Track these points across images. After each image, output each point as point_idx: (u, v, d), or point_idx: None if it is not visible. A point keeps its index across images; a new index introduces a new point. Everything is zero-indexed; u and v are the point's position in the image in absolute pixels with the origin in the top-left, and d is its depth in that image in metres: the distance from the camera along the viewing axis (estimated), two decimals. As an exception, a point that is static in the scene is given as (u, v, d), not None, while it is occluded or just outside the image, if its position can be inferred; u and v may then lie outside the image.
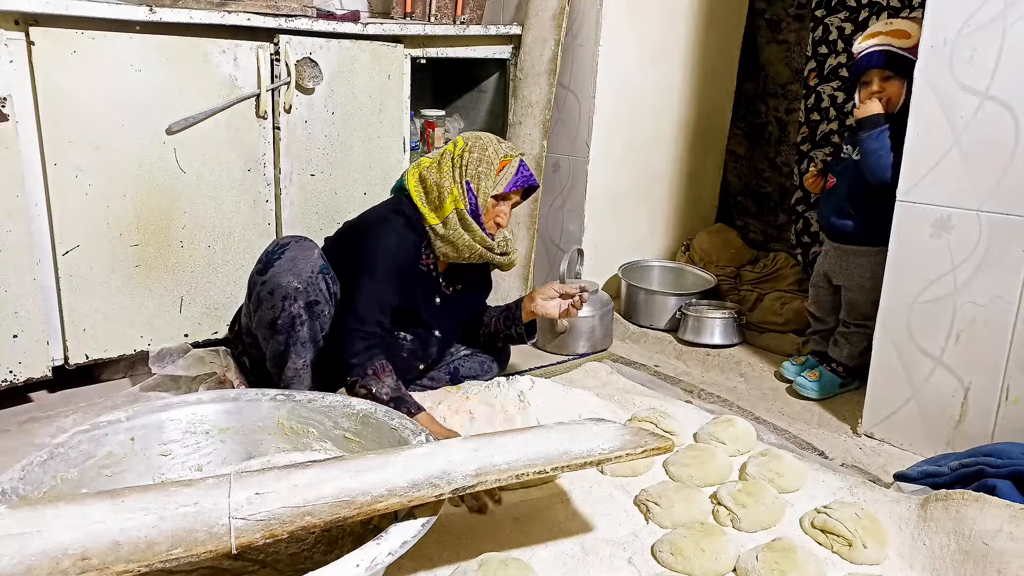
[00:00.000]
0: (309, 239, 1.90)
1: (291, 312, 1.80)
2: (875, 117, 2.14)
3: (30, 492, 1.25)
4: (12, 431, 1.93)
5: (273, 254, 1.85)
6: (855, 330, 2.32)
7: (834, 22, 3.01)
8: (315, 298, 1.82)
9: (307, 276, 1.81)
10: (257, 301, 1.85)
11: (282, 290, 1.80)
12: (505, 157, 1.95)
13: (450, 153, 1.96)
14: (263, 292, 1.82)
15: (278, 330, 1.81)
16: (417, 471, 1.25)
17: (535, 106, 2.77)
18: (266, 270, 1.83)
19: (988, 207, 1.82)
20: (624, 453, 1.40)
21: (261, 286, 1.83)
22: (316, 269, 1.83)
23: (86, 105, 1.96)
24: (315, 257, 1.85)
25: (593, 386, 2.24)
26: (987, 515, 1.44)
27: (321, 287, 1.84)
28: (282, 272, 1.81)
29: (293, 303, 1.80)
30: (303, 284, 1.80)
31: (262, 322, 1.84)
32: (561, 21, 2.71)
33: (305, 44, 2.27)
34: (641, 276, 3.04)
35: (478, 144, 1.95)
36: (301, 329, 1.81)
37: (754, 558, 1.42)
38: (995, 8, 1.76)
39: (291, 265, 1.81)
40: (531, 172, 2.01)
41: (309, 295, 1.81)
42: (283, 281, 1.80)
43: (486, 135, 1.99)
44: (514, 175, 1.96)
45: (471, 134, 2.00)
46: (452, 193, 1.91)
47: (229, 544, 1.06)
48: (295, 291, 1.80)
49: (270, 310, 1.81)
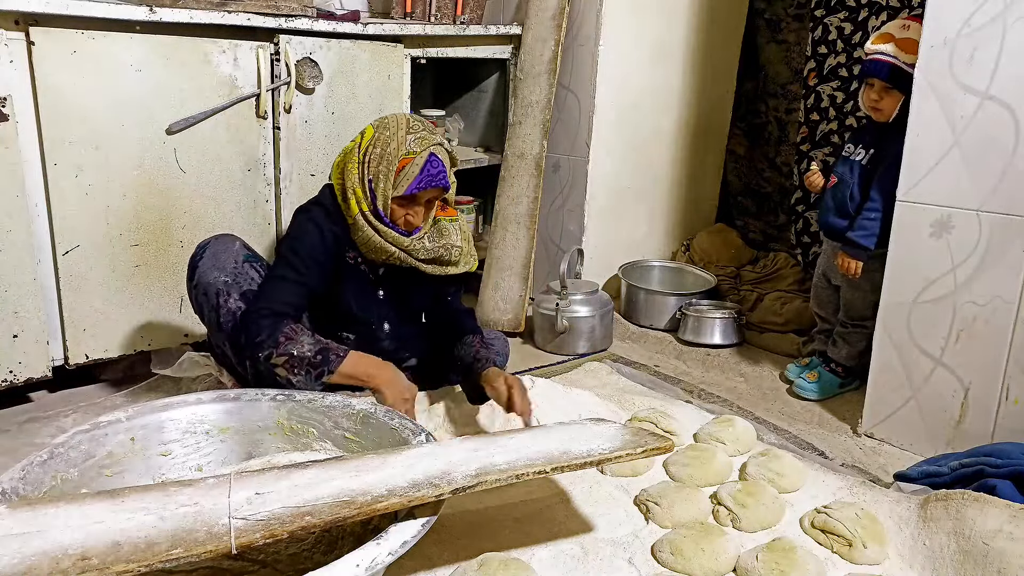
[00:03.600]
0: (230, 234, 1.86)
1: (229, 308, 1.76)
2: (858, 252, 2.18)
3: (30, 492, 1.25)
4: (12, 431, 1.93)
5: (196, 257, 1.82)
6: (853, 330, 2.32)
7: (834, 22, 3.01)
8: (248, 287, 1.77)
9: (232, 267, 1.77)
10: (198, 308, 1.82)
11: (212, 287, 1.76)
12: (407, 154, 1.76)
13: (359, 145, 1.80)
14: (199, 296, 1.80)
15: (225, 329, 1.78)
16: (417, 471, 1.25)
17: (535, 106, 2.77)
18: (193, 275, 1.80)
19: (988, 207, 1.82)
20: (624, 453, 1.40)
21: (195, 291, 1.80)
22: (240, 259, 1.79)
23: (86, 105, 1.95)
24: (236, 248, 1.81)
25: (593, 386, 2.24)
26: (987, 515, 1.44)
27: (251, 275, 1.79)
28: (207, 270, 1.77)
29: (228, 298, 1.76)
30: (230, 276, 1.76)
31: (211, 327, 1.81)
32: (561, 21, 2.71)
33: (305, 44, 2.27)
34: (641, 276, 3.04)
35: (383, 136, 1.77)
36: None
37: (754, 558, 1.42)
38: (995, 8, 1.76)
39: (214, 261, 1.78)
40: (442, 168, 1.78)
41: (241, 285, 1.76)
42: (210, 278, 1.76)
43: (396, 120, 1.80)
44: (418, 175, 1.76)
45: (382, 120, 1.82)
46: (356, 193, 1.78)
47: (229, 544, 1.06)
48: (225, 285, 1.75)
49: (212, 312, 1.78)
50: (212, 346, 1.94)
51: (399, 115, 1.83)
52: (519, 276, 2.76)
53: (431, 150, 1.78)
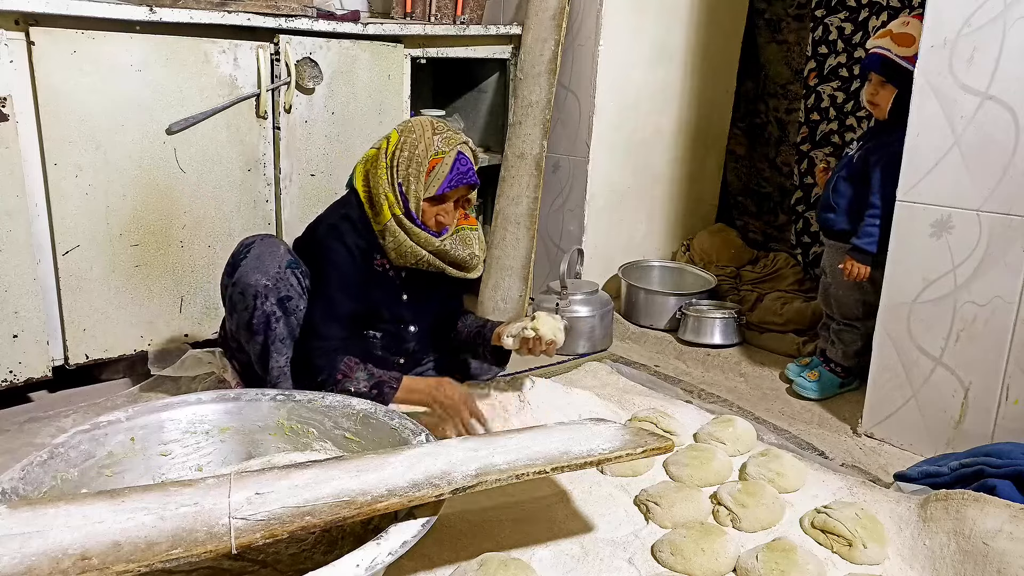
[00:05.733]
0: (274, 236, 1.88)
1: (264, 311, 1.77)
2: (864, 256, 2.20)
3: (30, 492, 1.25)
4: (12, 431, 1.93)
5: (239, 255, 1.82)
6: (845, 328, 2.33)
7: (834, 22, 3.01)
8: (286, 293, 1.79)
9: (275, 272, 1.78)
10: (231, 305, 1.83)
11: (252, 289, 1.77)
12: (436, 154, 1.79)
13: (384, 151, 1.82)
14: (234, 294, 1.80)
15: (255, 331, 1.79)
16: (417, 471, 1.25)
17: (535, 106, 2.77)
18: (234, 272, 1.81)
19: (988, 207, 1.82)
20: (624, 453, 1.40)
21: (232, 288, 1.81)
22: (283, 264, 1.80)
23: (86, 105, 1.96)
24: (281, 253, 1.82)
25: (593, 386, 2.24)
26: (987, 515, 1.44)
27: (292, 282, 1.80)
28: (249, 271, 1.78)
29: (265, 301, 1.77)
30: (271, 281, 1.77)
31: (240, 325, 1.82)
32: (561, 21, 2.71)
33: (305, 44, 2.27)
34: (641, 276, 3.04)
35: (409, 139, 1.80)
36: (277, 326, 1.78)
37: (754, 558, 1.42)
38: (995, 8, 1.76)
39: (257, 263, 1.79)
40: (470, 166, 1.82)
41: (280, 291, 1.78)
42: (251, 280, 1.77)
43: (421, 123, 1.83)
44: (448, 174, 1.79)
45: (406, 124, 1.86)
46: (388, 198, 1.80)
47: (229, 544, 1.06)
48: (265, 288, 1.77)
49: (244, 311, 1.79)
50: (226, 340, 1.95)
51: (422, 119, 1.87)
52: (519, 276, 2.76)
53: (459, 148, 1.81)
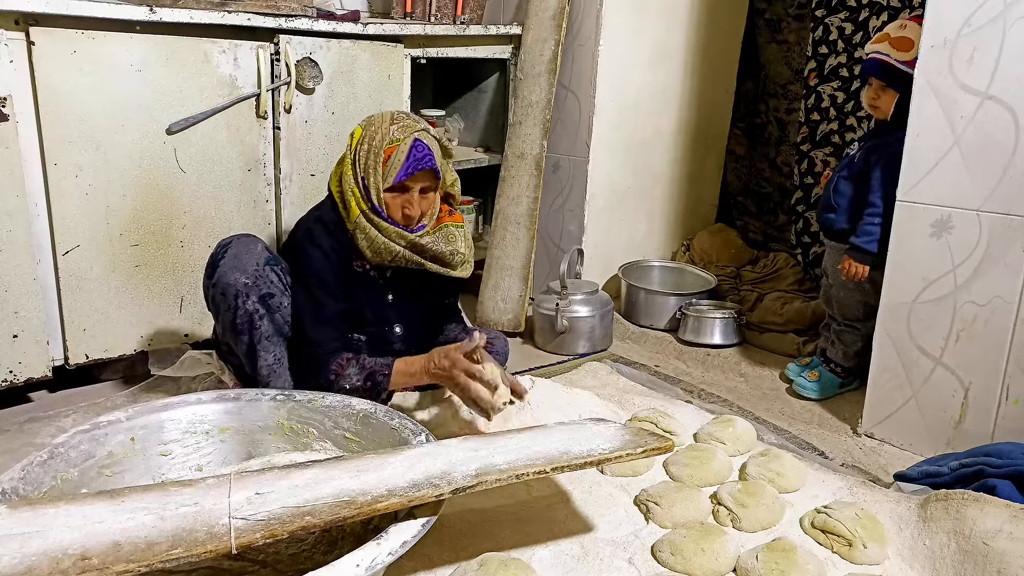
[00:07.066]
0: (252, 235, 1.87)
1: (247, 309, 1.77)
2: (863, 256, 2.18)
3: (30, 492, 1.25)
4: (12, 431, 1.93)
5: (217, 256, 1.82)
6: (845, 329, 2.33)
7: (834, 22, 3.01)
8: (268, 291, 1.78)
9: (253, 270, 1.77)
10: (215, 308, 1.83)
11: (232, 288, 1.76)
12: (391, 143, 1.76)
13: (350, 147, 1.82)
14: (216, 295, 1.80)
15: (239, 331, 1.79)
16: (417, 471, 1.25)
17: (535, 106, 2.77)
18: (213, 273, 1.80)
19: (988, 207, 1.82)
20: (624, 453, 1.40)
21: (212, 289, 1.81)
22: (262, 262, 1.79)
23: (86, 105, 1.95)
24: (259, 250, 1.81)
25: (593, 386, 2.24)
26: (987, 515, 1.44)
27: (272, 279, 1.79)
28: (228, 271, 1.78)
29: (247, 299, 1.76)
30: (251, 279, 1.77)
31: (225, 327, 1.82)
32: (561, 21, 2.71)
33: (305, 44, 2.27)
34: (641, 276, 3.04)
35: (369, 132, 1.79)
36: (261, 324, 1.78)
37: (754, 558, 1.42)
38: (995, 8, 1.76)
39: (235, 262, 1.78)
40: (427, 152, 1.77)
41: (261, 288, 1.77)
42: (231, 279, 1.77)
43: (381, 115, 1.82)
44: (405, 161, 1.76)
45: (367, 118, 1.83)
46: (354, 194, 1.79)
47: (229, 544, 1.06)
48: (245, 287, 1.76)
49: (227, 312, 1.79)
50: (218, 343, 1.95)
51: (384, 111, 1.85)
52: (519, 276, 2.76)
53: (415, 136, 1.78)
